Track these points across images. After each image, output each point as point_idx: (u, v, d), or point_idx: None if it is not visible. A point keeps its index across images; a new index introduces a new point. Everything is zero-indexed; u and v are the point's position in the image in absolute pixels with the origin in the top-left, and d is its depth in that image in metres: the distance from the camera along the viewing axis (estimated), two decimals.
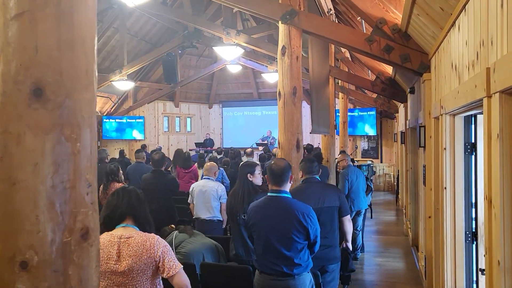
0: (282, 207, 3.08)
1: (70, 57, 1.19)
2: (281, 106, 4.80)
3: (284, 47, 4.75)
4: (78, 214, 1.21)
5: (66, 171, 1.18)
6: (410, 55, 4.43)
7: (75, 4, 1.21)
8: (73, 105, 1.19)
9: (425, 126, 4.45)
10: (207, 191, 4.95)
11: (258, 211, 3.16)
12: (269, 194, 3.16)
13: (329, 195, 3.83)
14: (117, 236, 2.32)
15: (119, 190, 2.48)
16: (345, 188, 6.43)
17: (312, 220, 3.05)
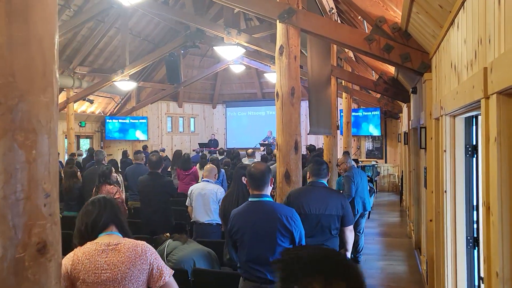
0: (265, 211, 2.99)
1: (24, 57, 1.10)
2: (279, 107, 4.71)
3: (282, 47, 4.65)
4: (34, 227, 1.13)
5: (19, 180, 1.10)
6: (411, 55, 4.31)
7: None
8: (28, 109, 1.11)
9: (426, 127, 4.34)
10: (206, 194, 4.86)
11: (241, 217, 3.07)
12: (250, 199, 3.07)
13: (333, 203, 3.70)
14: (104, 244, 2.22)
15: (99, 198, 2.40)
16: (352, 191, 6.31)
17: (296, 223, 2.96)
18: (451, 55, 3.01)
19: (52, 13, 1.21)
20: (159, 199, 5.11)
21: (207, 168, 5.16)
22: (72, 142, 13.35)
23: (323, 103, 7.27)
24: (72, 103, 13.47)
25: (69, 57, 13.13)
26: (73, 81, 13.09)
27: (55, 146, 1.22)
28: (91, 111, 16.27)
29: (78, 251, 2.19)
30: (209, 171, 5.07)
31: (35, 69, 1.12)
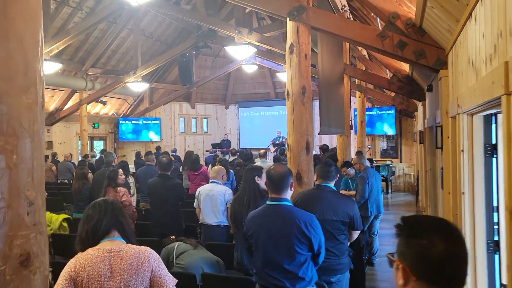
0: (282, 216, 2.86)
1: (1, 56, 1.03)
2: (289, 107, 4.61)
3: (292, 45, 4.55)
4: (16, 238, 1.05)
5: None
6: (425, 51, 4.17)
7: None
8: (7, 111, 1.02)
9: (442, 126, 4.18)
10: (214, 195, 4.78)
11: (257, 221, 2.95)
12: (268, 202, 2.95)
13: (341, 209, 3.53)
14: (106, 250, 2.14)
15: (99, 202, 2.31)
16: (365, 192, 6.15)
17: (315, 230, 2.82)
18: (469, 50, 2.87)
19: (35, 9, 1.12)
20: (168, 202, 5.04)
21: (215, 169, 5.07)
22: (85, 143, 13.42)
23: (335, 102, 7.14)
24: (85, 104, 13.54)
25: (81, 58, 13.21)
26: (86, 83, 13.16)
27: (40, 150, 1.14)
28: (105, 113, 16.37)
29: (80, 257, 2.12)
30: (216, 172, 4.98)
31: (14, 68, 1.04)
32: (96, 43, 13.14)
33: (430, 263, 1.22)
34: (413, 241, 1.25)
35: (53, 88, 13.22)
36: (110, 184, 5.16)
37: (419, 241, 1.23)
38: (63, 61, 12.63)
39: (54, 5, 10.93)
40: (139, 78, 12.57)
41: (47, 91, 13.13)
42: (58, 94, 13.71)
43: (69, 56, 12.90)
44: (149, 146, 16.50)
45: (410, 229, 1.29)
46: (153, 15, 13.95)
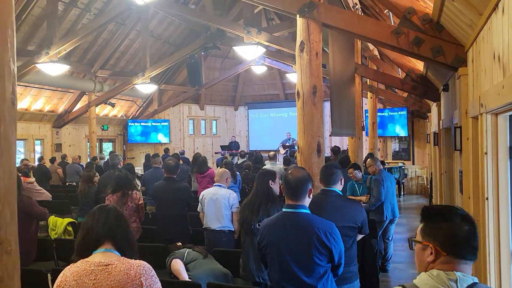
0: (300, 225, 2.64)
1: None
2: (300, 107, 4.43)
3: (303, 43, 4.37)
4: None
5: None
6: (443, 48, 3.95)
7: None
8: None
9: (461, 127, 3.96)
10: (218, 199, 4.59)
11: (272, 230, 2.74)
12: (284, 209, 2.73)
13: (349, 214, 3.32)
14: (95, 263, 1.95)
15: (95, 209, 2.13)
16: (382, 195, 5.92)
17: (336, 239, 2.61)
18: (494, 45, 2.66)
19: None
20: (175, 206, 4.88)
21: (219, 172, 4.88)
22: (94, 145, 13.36)
23: (346, 103, 6.93)
24: (94, 106, 13.49)
25: (90, 60, 13.16)
26: (94, 84, 13.10)
27: (9, 154, 0.97)
28: (114, 115, 16.32)
29: (68, 270, 1.94)
30: (220, 175, 4.79)
31: None
32: (105, 45, 13.08)
33: (458, 241, 1.52)
34: (442, 224, 1.53)
35: (62, 90, 13.19)
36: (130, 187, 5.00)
37: (448, 224, 1.52)
38: (72, 62, 12.58)
39: (62, 7, 10.88)
40: (147, 80, 12.46)
41: (56, 93, 13.10)
42: (67, 96, 13.67)
43: (78, 57, 12.85)
44: (158, 148, 16.41)
45: (439, 215, 1.57)
46: (162, 17, 13.87)
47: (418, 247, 1.60)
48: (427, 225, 1.58)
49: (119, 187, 4.83)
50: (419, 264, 1.61)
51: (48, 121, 13.47)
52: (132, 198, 4.89)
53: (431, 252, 1.54)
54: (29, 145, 12.75)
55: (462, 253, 1.52)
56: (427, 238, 1.56)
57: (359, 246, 5.27)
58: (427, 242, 1.56)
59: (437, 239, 1.53)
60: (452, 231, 1.52)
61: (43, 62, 9.37)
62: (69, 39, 9.36)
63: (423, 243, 1.57)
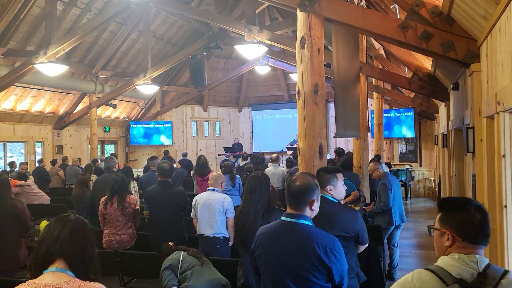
0: (298, 237, 2.35)
1: None
2: (300, 107, 4.17)
3: (304, 38, 4.12)
4: None
5: None
6: (454, 42, 3.68)
7: None
8: None
9: (474, 127, 3.69)
10: (211, 204, 4.33)
11: (267, 239, 2.47)
12: (283, 218, 2.45)
13: (340, 221, 3.02)
14: (41, 285, 1.66)
15: (53, 220, 1.84)
16: (390, 200, 5.64)
17: (338, 257, 2.30)
18: None
19: None
20: (169, 211, 4.63)
21: (213, 176, 4.61)
22: (95, 147, 13.15)
23: (351, 103, 6.67)
24: (95, 108, 13.30)
25: (91, 61, 12.98)
26: (95, 85, 12.92)
27: None
28: (116, 116, 16.14)
29: None
30: (214, 179, 4.52)
31: None
32: (106, 45, 12.90)
33: (473, 227, 1.68)
34: (459, 213, 1.71)
35: (62, 92, 13.02)
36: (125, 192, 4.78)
37: (464, 213, 1.70)
38: (72, 63, 12.42)
39: (62, 6, 10.71)
40: (149, 81, 12.24)
41: (56, 95, 12.93)
42: (68, 98, 13.50)
43: (79, 58, 12.68)
44: (160, 150, 16.20)
45: (455, 205, 1.74)
46: (164, 17, 13.67)
47: (436, 233, 1.78)
48: (445, 214, 1.77)
49: (115, 192, 4.61)
50: (438, 249, 1.79)
51: (49, 122, 13.30)
52: (129, 203, 4.67)
53: (448, 238, 1.72)
54: (30, 147, 12.58)
55: (476, 239, 1.69)
56: (445, 225, 1.75)
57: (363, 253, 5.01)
58: (444, 229, 1.74)
59: (454, 226, 1.72)
60: (467, 219, 1.70)
61: (41, 63, 9.17)
62: (67, 39, 9.16)
63: (441, 230, 1.75)
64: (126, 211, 4.63)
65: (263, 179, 3.50)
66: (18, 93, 11.73)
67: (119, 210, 4.58)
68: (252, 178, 3.53)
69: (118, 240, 4.61)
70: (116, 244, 4.59)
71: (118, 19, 12.38)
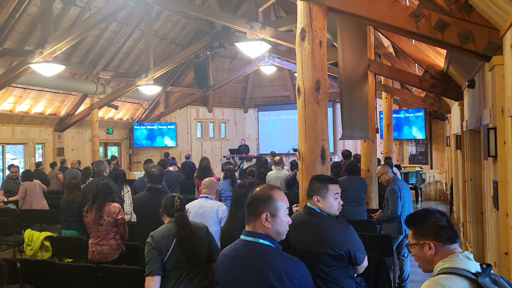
0: (252, 261, 1.99)
1: None
2: (300, 106, 3.78)
3: (304, 30, 3.73)
4: None
5: None
6: (473, 32, 3.27)
7: None
8: None
9: (496, 128, 3.26)
10: (204, 213, 3.95)
11: (224, 262, 2.13)
12: (242, 236, 2.10)
13: (325, 236, 2.63)
14: None
15: None
16: (398, 208, 5.21)
17: (296, 284, 1.93)
18: None
19: None
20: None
21: (205, 182, 4.20)
22: (96, 150, 12.86)
23: (359, 103, 6.26)
24: (97, 109, 13.01)
25: (92, 62, 12.69)
26: (96, 86, 12.62)
27: None
28: (119, 118, 15.85)
29: None
30: (208, 186, 4.13)
31: None
32: (107, 45, 12.60)
33: (445, 229, 1.86)
34: (428, 222, 1.87)
35: (63, 93, 12.74)
36: (105, 199, 4.42)
37: (432, 220, 1.87)
38: (73, 63, 12.15)
39: (60, 5, 10.43)
40: (151, 81, 11.91)
41: (57, 96, 12.66)
42: (69, 99, 13.23)
43: (79, 59, 12.39)
44: (164, 152, 15.88)
45: (422, 216, 1.91)
46: (167, 16, 13.36)
47: (416, 248, 1.87)
48: (416, 228, 1.89)
49: (95, 198, 4.25)
50: (422, 262, 1.86)
51: (50, 124, 13.04)
52: (110, 212, 4.30)
53: (430, 247, 1.82)
54: (30, 150, 12.32)
55: (452, 237, 1.83)
56: (422, 238, 1.85)
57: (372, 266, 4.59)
58: (423, 241, 1.84)
59: (430, 235, 1.84)
60: (438, 225, 1.84)
61: (37, 62, 8.88)
62: (64, 38, 8.85)
63: (420, 243, 1.85)
64: (105, 221, 4.27)
65: (251, 189, 3.08)
66: (17, 94, 11.46)
67: (96, 218, 4.23)
68: (238, 187, 3.12)
69: (99, 251, 4.26)
70: (97, 256, 4.24)
71: (119, 19, 12.11)
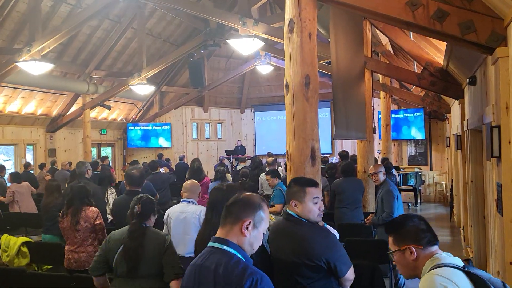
0: (218, 272, 1.77)
1: None
2: (288, 103, 3.52)
3: (292, 21, 3.47)
4: None
5: None
6: (475, 22, 3.00)
7: None
8: None
9: (500, 127, 2.99)
10: (186, 219, 3.67)
11: (190, 272, 1.94)
12: (210, 243, 1.89)
13: (303, 246, 2.38)
14: None
15: None
16: (394, 210, 4.95)
17: None
18: None
19: None
20: None
21: (187, 185, 3.88)
22: (88, 151, 12.58)
23: (355, 101, 5.99)
24: (89, 109, 12.73)
25: (84, 61, 12.42)
26: (88, 86, 12.34)
27: None
28: (113, 118, 15.58)
29: None
30: (189, 190, 3.83)
31: None
32: (100, 44, 12.34)
33: (425, 231, 1.86)
34: (407, 227, 1.87)
35: (55, 92, 12.47)
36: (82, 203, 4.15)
37: (411, 225, 1.88)
38: (64, 63, 11.88)
39: (50, 3, 10.17)
40: (144, 80, 11.64)
41: (48, 95, 12.39)
42: (61, 99, 12.96)
43: (71, 58, 12.13)
44: (158, 153, 15.61)
45: (401, 222, 1.93)
46: (161, 14, 13.09)
47: (398, 255, 1.87)
48: (396, 235, 1.90)
49: (70, 202, 3.98)
50: (405, 269, 1.88)
51: (41, 125, 12.76)
52: (87, 217, 4.03)
53: (411, 252, 1.83)
54: (20, 151, 12.04)
55: (432, 240, 1.86)
56: (402, 243, 1.86)
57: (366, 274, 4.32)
58: (404, 246, 1.85)
59: (411, 239, 1.85)
60: (417, 229, 1.87)
61: (24, 61, 8.61)
62: (52, 36, 8.58)
63: (401, 248, 1.85)
64: (82, 226, 4.00)
65: (229, 193, 2.80)
66: (6, 94, 11.19)
67: (72, 224, 3.96)
68: (214, 191, 2.86)
69: (76, 259, 3.99)
70: (74, 264, 3.98)
71: (112, 17, 11.85)
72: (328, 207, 6.27)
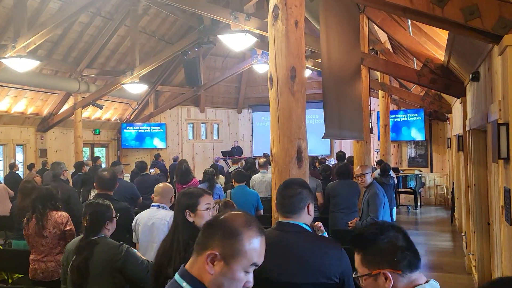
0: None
1: None
2: (273, 98, 3.18)
3: (277, 7, 3.13)
4: None
5: None
6: (480, 6, 2.67)
7: None
8: None
9: (509, 124, 2.66)
10: (154, 225, 3.32)
11: None
12: (176, 276, 1.45)
13: (315, 264, 2.03)
14: None
15: None
16: (380, 214, 4.62)
17: None
18: None
19: None
20: None
21: (158, 189, 3.51)
22: (80, 151, 12.24)
23: (350, 99, 5.65)
24: (80, 109, 12.39)
25: (76, 59, 12.09)
26: (79, 84, 12.00)
27: None
28: (107, 118, 15.25)
29: None
30: (160, 194, 3.48)
31: None
32: (92, 42, 12.01)
33: (403, 249, 1.37)
34: (380, 244, 1.38)
35: (46, 91, 12.14)
36: (45, 207, 3.81)
37: (386, 240, 1.39)
38: (54, 61, 11.56)
39: None
40: (136, 79, 11.31)
41: (39, 94, 12.07)
42: (52, 98, 12.63)
43: (62, 56, 11.80)
44: (154, 153, 15.28)
45: (372, 235, 1.42)
46: (155, 11, 12.77)
47: (369, 281, 1.40)
48: (365, 253, 1.43)
49: (35, 207, 3.65)
50: None
51: (31, 124, 12.43)
52: (56, 223, 3.70)
53: (386, 277, 1.37)
54: (9, 151, 11.71)
55: (413, 262, 1.39)
56: (373, 266, 1.40)
57: None
58: (375, 270, 1.38)
59: (385, 261, 1.38)
60: (393, 246, 1.39)
61: (8, 57, 8.28)
62: (37, 31, 8.26)
63: (372, 273, 1.39)
64: (51, 233, 3.67)
65: (188, 198, 2.46)
66: None
67: (38, 230, 3.64)
68: (181, 195, 2.52)
69: (43, 269, 3.65)
70: (41, 274, 3.64)
71: (104, 13, 11.53)
72: (321, 211, 5.94)
